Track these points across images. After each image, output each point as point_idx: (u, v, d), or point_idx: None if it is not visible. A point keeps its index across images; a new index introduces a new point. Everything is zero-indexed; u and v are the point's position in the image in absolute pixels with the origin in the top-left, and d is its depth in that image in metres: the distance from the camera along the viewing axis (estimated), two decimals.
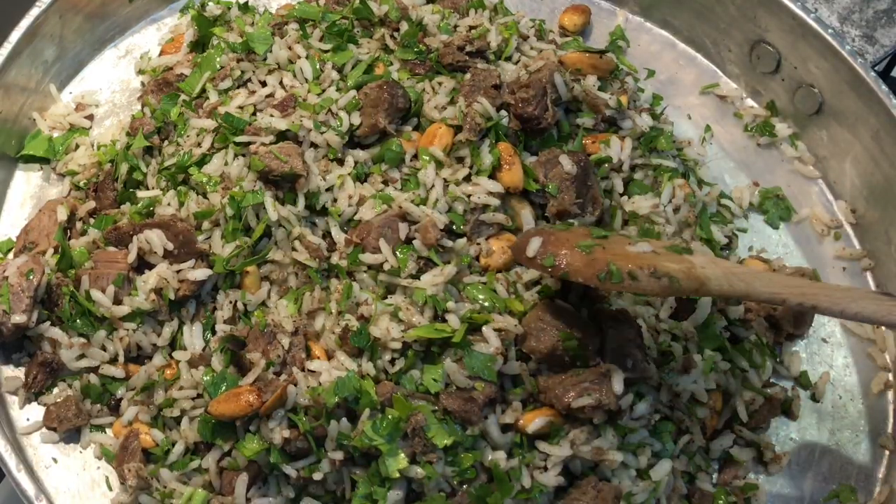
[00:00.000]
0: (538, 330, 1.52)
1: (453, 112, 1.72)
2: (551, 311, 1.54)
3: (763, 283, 1.42)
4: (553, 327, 1.51)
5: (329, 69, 1.80)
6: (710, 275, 1.41)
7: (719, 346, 1.66)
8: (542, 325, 1.52)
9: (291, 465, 1.48)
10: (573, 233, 1.54)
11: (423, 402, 1.48)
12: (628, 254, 1.46)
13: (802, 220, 1.97)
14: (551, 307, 1.55)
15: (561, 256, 1.46)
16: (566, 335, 1.50)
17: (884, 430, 1.76)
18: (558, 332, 1.51)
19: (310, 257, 1.61)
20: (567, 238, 1.51)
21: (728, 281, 1.41)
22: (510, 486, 1.47)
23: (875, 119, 1.90)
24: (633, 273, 1.40)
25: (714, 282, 1.40)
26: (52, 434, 1.61)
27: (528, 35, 1.96)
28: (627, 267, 1.40)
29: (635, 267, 1.40)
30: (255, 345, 1.54)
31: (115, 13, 2.05)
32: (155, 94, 1.87)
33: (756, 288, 1.41)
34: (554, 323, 1.52)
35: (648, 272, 1.40)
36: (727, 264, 1.47)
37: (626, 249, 1.47)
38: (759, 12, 2.04)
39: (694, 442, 1.62)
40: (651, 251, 1.47)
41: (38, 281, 1.61)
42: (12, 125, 1.89)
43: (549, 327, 1.52)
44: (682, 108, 2.09)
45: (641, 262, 1.41)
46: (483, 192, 1.64)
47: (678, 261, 1.43)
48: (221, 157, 1.69)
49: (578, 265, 1.45)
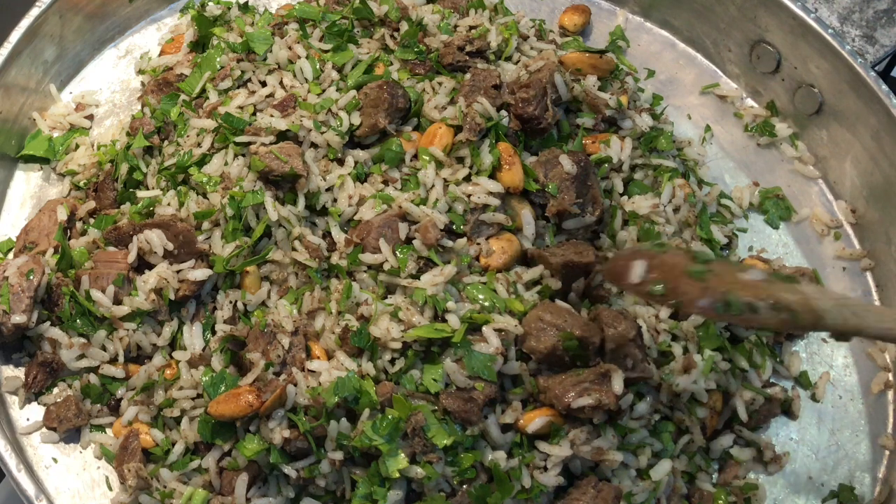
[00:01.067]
0: (538, 330, 1.52)
1: (453, 112, 1.72)
2: (551, 311, 1.53)
3: (875, 318, 1.33)
4: (553, 327, 1.51)
5: (329, 69, 1.80)
6: (825, 308, 1.31)
7: (719, 346, 1.66)
8: (542, 324, 1.52)
9: (291, 465, 1.48)
10: (675, 256, 1.43)
11: (423, 402, 1.48)
12: (743, 282, 1.35)
13: (802, 220, 1.97)
14: (551, 307, 1.54)
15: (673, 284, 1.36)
16: (566, 335, 1.50)
17: (884, 430, 1.76)
18: (558, 331, 1.51)
19: (310, 257, 1.61)
20: (673, 263, 1.40)
21: (842, 315, 1.32)
22: (510, 486, 1.47)
23: (875, 119, 1.90)
24: (754, 305, 1.31)
25: (830, 316, 1.31)
26: (52, 434, 1.61)
27: (528, 35, 1.96)
28: (746, 297, 1.31)
29: (755, 298, 1.31)
30: (255, 345, 1.54)
31: (115, 13, 2.05)
32: (155, 94, 1.87)
33: (869, 323, 1.32)
34: (554, 323, 1.52)
35: (769, 304, 1.31)
36: (836, 295, 1.38)
37: (738, 277, 1.36)
38: (759, 12, 2.04)
39: (694, 442, 1.62)
40: (764, 279, 1.36)
41: (38, 281, 1.61)
42: (12, 125, 1.89)
43: (549, 327, 1.51)
44: (682, 108, 2.09)
45: (759, 293, 1.32)
46: (483, 192, 1.64)
47: (793, 290, 1.33)
48: (221, 157, 1.69)
49: (694, 294, 1.35)
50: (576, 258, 1.60)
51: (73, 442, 1.62)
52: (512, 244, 1.64)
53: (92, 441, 1.61)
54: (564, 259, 1.59)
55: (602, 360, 1.53)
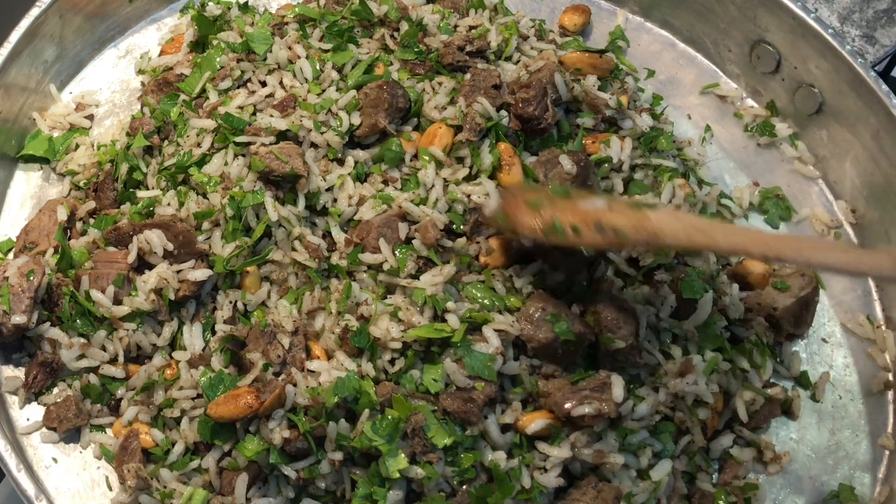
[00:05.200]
0: (537, 319, 1.53)
1: (453, 112, 1.72)
2: (551, 303, 1.55)
3: (725, 235, 1.40)
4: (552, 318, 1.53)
5: (329, 69, 1.80)
6: (665, 228, 1.40)
7: (719, 346, 1.66)
8: (542, 314, 1.53)
9: (291, 465, 1.48)
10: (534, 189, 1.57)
11: (423, 402, 1.48)
12: (576, 209, 1.47)
13: (802, 220, 1.97)
14: (550, 300, 1.56)
15: (510, 214, 1.51)
16: (565, 331, 1.51)
17: (884, 430, 1.76)
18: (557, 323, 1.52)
19: (310, 257, 1.61)
20: (523, 194, 1.55)
21: (686, 233, 1.40)
22: (510, 487, 1.47)
23: (875, 119, 1.90)
24: (576, 227, 1.43)
25: (670, 234, 1.39)
26: (52, 434, 1.61)
27: (528, 35, 1.96)
28: (570, 221, 1.43)
29: (580, 221, 1.43)
30: (255, 345, 1.54)
31: (115, 13, 2.05)
32: (155, 94, 1.87)
33: (717, 240, 1.39)
34: (553, 312, 1.53)
35: (593, 225, 1.41)
36: (690, 218, 1.46)
37: (576, 205, 1.49)
38: (759, 12, 2.04)
39: (694, 442, 1.62)
40: (605, 206, 1.47)
41: (38, 281, 1.61)
42: (12, 125, 1.89)
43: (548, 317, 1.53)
44: (682, 108, 2.09)
45: (587, 216, 1.43)
46: (483, 193, 1.64)
47: (630, 215, 1.43)
48: (221, 157, 1.69)
49: (525, 221, 1.49)
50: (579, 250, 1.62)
51: (73, 442, 1.62)
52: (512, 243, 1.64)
53: (92, 441, 1.61)
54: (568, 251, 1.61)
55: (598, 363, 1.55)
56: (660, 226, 1.40)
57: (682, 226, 1.41)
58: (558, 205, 1.50)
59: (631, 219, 1.42)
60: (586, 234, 1.43)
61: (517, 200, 1.54)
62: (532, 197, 1.53)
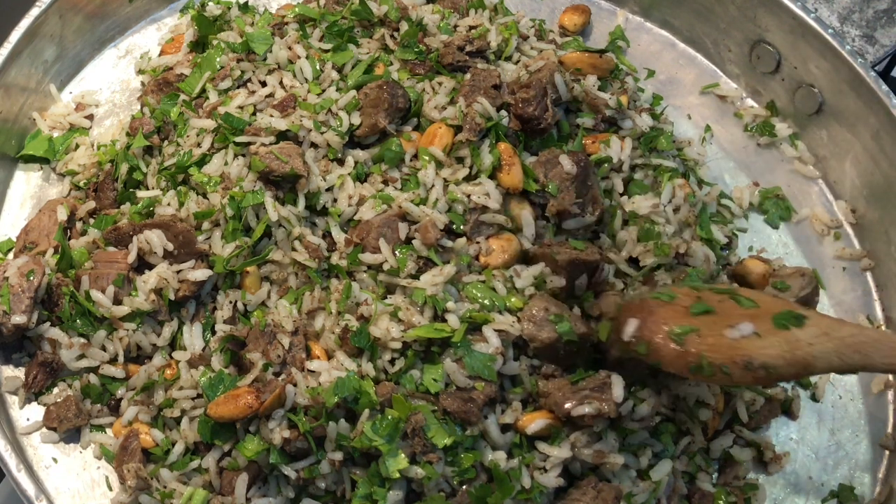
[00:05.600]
0: (540, 319, 1.53)
1: (453, 112, 1.72)
2: (554, 304, 1.54)
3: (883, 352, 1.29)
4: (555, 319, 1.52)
5: (329, 69, 1.80)
6: (817, 353, 1.30)
7: None
8: (544, 314, 1.53)
9: (291, 465, 1.48)
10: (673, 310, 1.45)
11: (423, 402, 1.48)
12: (723, 343, 1.36)
13: (802, 220, 1.97)
14: (554, 301, 1.55)
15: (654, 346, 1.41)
16: (568, 331, 1.51)
17: (884, 430, 1.76)
18: (560, 323, 1.51)
19: (310, 257, 1.61)
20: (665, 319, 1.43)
21: (840, 356, 1.30)
22: (510, 487, 1.47)
23: (875, 119, 1.90)
24: (726, 368, 1.33)
25: (822, 361, 1.30)
26: (52, 434, 1.61)
27: (528, 35, 1.96)
28: (720, 361, 1.34)
29: (728, 360, 1.33)
30: (255, 345, 1.54)
31: (115, 13, 2.05)
32: (155, 94, 1.87)
33: (874, 360, 1.30)
34: (556, 313, 1.53)
35: (742, 364, 1.32)
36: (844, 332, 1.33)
37: (723, 336, 1.37)
38: (759, 12, 2.04)
39: (695, 443, 1.62)
40: (752, 332, 1.35)
41: (38, 281, 1.61)
42: (12, 125, 1.89)
43: (551, 318, 1.52)
44: (682, 108, 2.09)
45: (736, 353, 1.33)
46: (482, 193, 1.64)
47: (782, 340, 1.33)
48: (221, 157, 1.69)
49: (670, 358, 1.40)
50: (582, 256, 1.61)
51: (73, 442, 1.62)
52: (511, 243, 1.64)
53: (92, 441, 1.61)
54: (571, 256, 1.60)
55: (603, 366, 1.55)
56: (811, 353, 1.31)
57: (835, 346, 1.31)
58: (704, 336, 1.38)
59: (782, 349, 1.32)
60: (736, 374, 1.33)
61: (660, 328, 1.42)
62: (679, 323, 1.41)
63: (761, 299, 1.42)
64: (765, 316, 1.38)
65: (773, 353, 1.32)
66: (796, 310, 1.37)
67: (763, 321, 1.37)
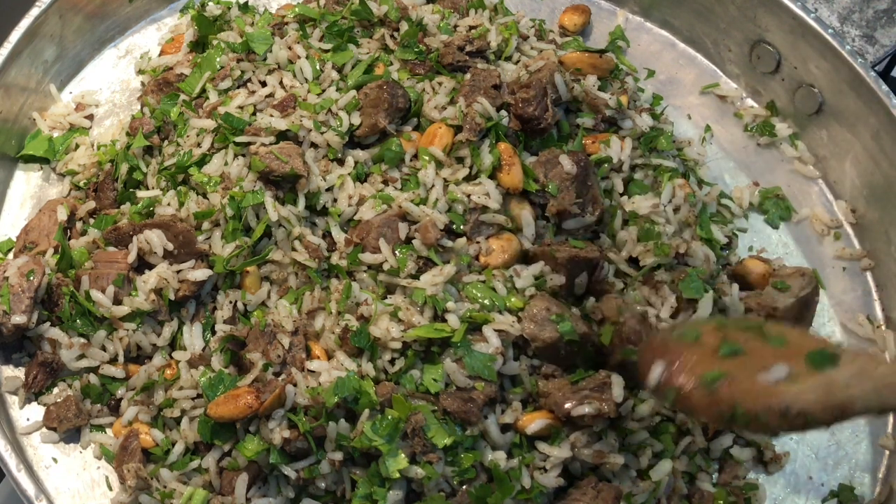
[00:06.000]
0: (542, 319, 1.53)
1: (453, 112, 1.72)
2: (556, 304, 1.54)
3: None
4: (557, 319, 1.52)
5: (329, 69, 1.80)
6: (855, 395, 1.22)
7: None
8: (546, 314, 1.53)
9: (291, 465, 1.48)
10: (700, 352, 1.35)
11: (423, 402, 1.48)
12: (758, 388, 1.27)
13: (802, 220, 1.97)
14: (556, 301, 1.55)
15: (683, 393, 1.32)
16: (569, 331, 1.51)
17: (884, 430, 1.76)
18: (562, 323, 1.51)
19: (310, 257, 1.61)
20: (692, 364, 1.34)
21: (878, 397, 1.21)
22: (510, 487, 1.47)
23: (875, 119, 1.90)
24: (762, 416, 1.25)
25: (860, 404, 1.22)
26: (52, 434, 1.61)
27: (528, 35, 1.96)
28: (755, 409, 1.26)
29: (764, 408, 1.25)
30: (255, 345, 1.54)
31: (115, 13, 2.05)
32: (155, 94, 1.87)
33: None
34: (558, 313, 1.53)
35: (779, 412, 1.24)
36: (881, 372, 1.24)
37: (756, 381, 1.28)
38: (759, 12, 2.04)
39: (695, 443, 1.62)
40: (787, 375, 1.27)
41: (38, 281, 1.61)
42: (12, 125, 1.89)
43: (553, 318, 1.52)
44: (682, 108, 2.09)
45: (772, 400, 1.25)
46: (482, 193, 1.64)
47: (819, 384, 1.24)
48: (221, 157, 1.69)
49: (702, 406, 1.30)
50: (582, 253, 1.61)
51: (73, 442, 1.62)
52: (511, 243, 1.64)
53: (92, 441, 1.61)
54: (571, 254, 1.60)
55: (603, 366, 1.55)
56: (849, 394, 1.22)
57: (873, 386, 1.23)
58: (735, 382, 1.29)
59: (818, 393, 1.24)
60: (773, 422, 1.24)
61: (689, 372, 1.33)
62: (709, 368, 1.32)
63: (789, 335, 1.35)
64: (797, 355, 1.30)
65: (811, 399, 1.24)
66: (828, 347, 1.30)
67: (796, 361, 1.29)
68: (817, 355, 1.27)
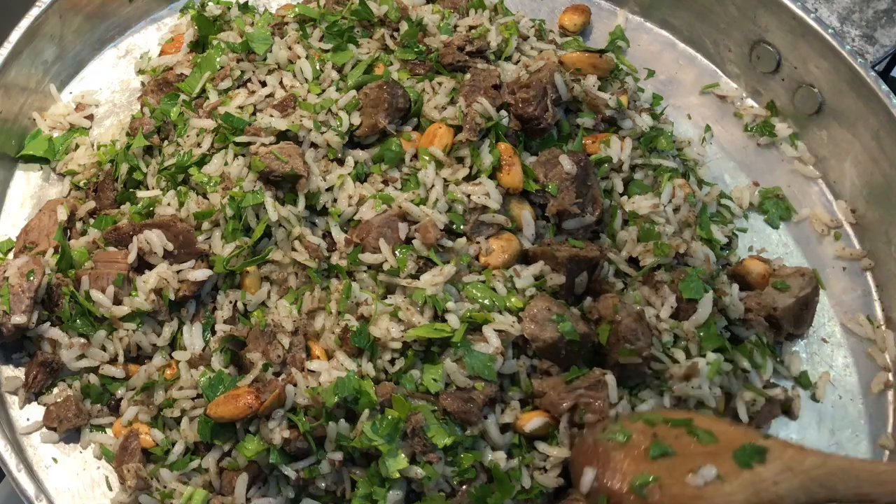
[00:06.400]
0: (543, 319, 1.53)
1: (453, 112, 1.72)
2: (557, 304, 1.54)
3: (849, 484, 1.24)
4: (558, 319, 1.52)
5: (329, 69, 1.80)
6: (783, 492, 1.25)
7: (720, 347, 1.66)
8: (547, 314, 1.53)
9: (291, 465, 1.48)
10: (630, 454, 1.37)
11: (423, 402, 1.48)
12: (687, 494, 1.29)
13: (802, 220, 1.97)
14: (556, 301, 1.55)
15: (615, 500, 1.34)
16: (570, 330, 1.51)
17: (884, 430, 1.76)
18: (562, 323, 1.51)
19: (310, 257, 1.61)
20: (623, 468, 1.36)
21: (806, 492, 1.25)
22: (510, 487, 1.47)
23: (875, 119, 1.90)
24: None
25: (788, 499, 1.25)
26: (52, 434, 1.61)
27: (528, 35, 1.96)
28: None
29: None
30: (255, 345, 1.54)
31: (115, 13, 2.05)
32: (155, 94, 1.87)
33: (839, 492, 1.24)
34: (559, 313, 1.53)
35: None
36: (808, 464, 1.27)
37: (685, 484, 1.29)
38: (759, 12, 2.04)
39: None
40: (715, 476, 1.28)
41: (38, 281, 1.61)
42: (12, 125, 1.89)
43: (554, 318, 1.52)
44: (682, 108, 2.08)
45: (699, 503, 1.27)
46: (482, 193, 1.64)
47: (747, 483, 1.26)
48: (221, 157, 1.69)
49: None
50: (583, 252, 1.61)
51: (73, 442, 1.62)
52: (511, 243, 1.64)
53: (92, 441, 1.61)
54: (571, 253, 1.60)
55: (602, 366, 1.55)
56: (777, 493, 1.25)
57: (800, 482, 1.25)
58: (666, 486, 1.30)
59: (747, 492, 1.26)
60: None
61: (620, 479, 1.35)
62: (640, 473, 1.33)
63: (719, 430, 1.37)
64: (725, 453, 1.32)
65: (740, 500, 1.26)
66: (757, 441, 1.32)
67: (724, 460, 1.31)
68: (745, 452, 1.29)
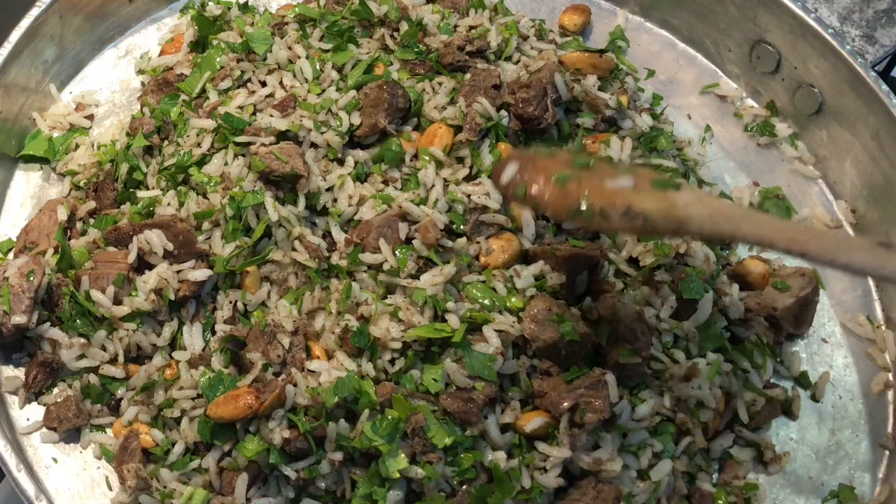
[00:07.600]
0: (543, 319, 1.53)
1: (453, 112, 1.72)
2: (557, 305, 1.54)
3: (751, 225, 1.32)
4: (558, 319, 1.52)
5: (329, 69, 1.80)
6: (692, 214, 1.33)
7: (720, 347, 1.66)
8: (548, 314, 1.53)
9: (291, 465, 1.48)
10: (554, 160, 1.47)
11: (423, 402, 1.48)
12: (605, 190, 1.38)
13: (802, 220, 1.97)
14: (556, 302, 1.55)
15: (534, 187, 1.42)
16: (570, 331, 1.51)
17: (884, 430, 1.76)
18: (562, 323, 1.51)
19: (310, 257, 1.61)
20: (545, 166, 1.44)
21: (712, 221, 1.33)
22: (510, 487, 1.47)
23: (875, 119, 1.90)
24: (605, 212, 1.35)
25: (696, 222, 1.33)
26: (52, 434, 1.61)
27: (528, 35, 1.96)
28: (600, 205, 1.36)
29: (609, 205, 1.36)
30: (255, 345, 1.54)
31: (115, 13, 2.05)
32: (155, 94, 1.87)
33: (742, 229, 1.32)
34: (559, 314, 1.53)
35: (622, 211, 1.35)
36: (716, 204, 1.38)
37: (604, 184, 1.39)
38: (759, 12, 2.04)
39: (695, 443, 1.62)
40: (632, 186, 1.38)
41: (38, 281, 1.61)
42: (12, 125, 1.89)
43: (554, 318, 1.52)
44: (682, 108, 2.09)
45: (617, 200, 1.36)
46: (482, 193, 1.64)
47: (659, 199, 1.36)
48: (221, 157, 1.69)
49: (550, 199, 1.41)
50: (583, 252, 1.61)
51: (73, 442, 1.62)
52: (511, 243, 1.64)
53: (92, 441, 1.61)
54: (571, 252, 1.60)
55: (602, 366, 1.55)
56: (687, 212, 1.34)
57: (708, 212, 1.34)
58: (585, 182, 1.39)
59: (660, 203, 1.35)
60: (615, 219, 1.35)
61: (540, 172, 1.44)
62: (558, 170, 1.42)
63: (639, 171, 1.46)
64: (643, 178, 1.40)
65: (654, 207, 1.34)
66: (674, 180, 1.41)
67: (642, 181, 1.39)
68: (662, 181, 1.38)
